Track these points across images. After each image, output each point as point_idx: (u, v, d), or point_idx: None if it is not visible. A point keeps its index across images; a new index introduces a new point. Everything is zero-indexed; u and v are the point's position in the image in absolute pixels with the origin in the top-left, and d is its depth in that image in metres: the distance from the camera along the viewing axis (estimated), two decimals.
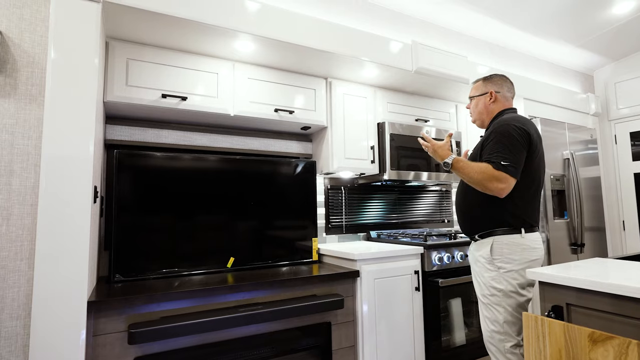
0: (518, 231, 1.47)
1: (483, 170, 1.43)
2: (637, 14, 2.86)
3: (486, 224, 1.51)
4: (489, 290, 1.49)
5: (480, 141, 1.57)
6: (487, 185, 1.42)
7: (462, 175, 1.49)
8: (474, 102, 1.70)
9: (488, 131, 1.55)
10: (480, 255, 1.53)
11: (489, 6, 2.60)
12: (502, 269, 1.46)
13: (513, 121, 1.48)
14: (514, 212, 1.47)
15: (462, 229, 1.66)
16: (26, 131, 1.42)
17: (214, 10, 1.61)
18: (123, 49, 1.66)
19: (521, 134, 1.44)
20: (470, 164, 1.47)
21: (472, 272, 1.63)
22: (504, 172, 1.40)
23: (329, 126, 2.22)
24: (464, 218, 1.63)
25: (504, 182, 1.40)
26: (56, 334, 1.19)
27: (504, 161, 1.41)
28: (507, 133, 1.44)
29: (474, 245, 1.60)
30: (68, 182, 1.25)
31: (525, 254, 1.46)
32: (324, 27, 1.92)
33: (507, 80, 1.68)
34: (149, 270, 1.72)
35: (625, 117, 3.43)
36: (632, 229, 3.35)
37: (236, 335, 1.52)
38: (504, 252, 1.46)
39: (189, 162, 1.88)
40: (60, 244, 1.22)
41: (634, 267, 1.27)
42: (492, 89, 1.65)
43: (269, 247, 2.05)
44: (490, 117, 1.65)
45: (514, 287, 1.44)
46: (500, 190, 1.41)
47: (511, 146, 1.42)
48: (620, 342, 0.92)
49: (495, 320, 1.47)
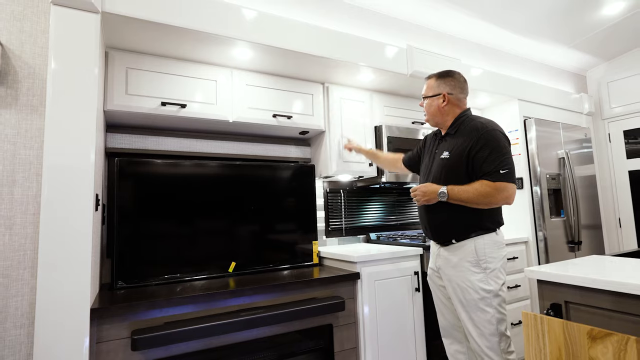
0: (493, 230, 1.50)
1: (479, 188, 1.43)
2: (628, 15, 2.91)
3: (464, 227, 1.49)
4: (478, 293, 1.45)
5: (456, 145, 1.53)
6: (492, 200, 1.42)
7: (461, 200, 1.46)
8: (427, 102, 1.65)
9: (467, 137, 1.50)
10: (463, 259, 1.49)
11: (481, 10, 2.63)
12: (488, 269, 1.46)
13: (497, 127, 1.50)
14: (491, 214, 1.50)
15: (433, 235, 1.60)
16: (27, 141, 1.44)
17: (212, 19, 1.63)
18: (122, 58, 1.68)
19: (507, 140, 1.50)
20: (466, 189, 1.45)
21: (446, 277, 1.55)
22: (503, 181, 1.41)
23: (327, 130, 2.24)
24: (436, 224, 1.57)
25: (507, 190, 1.41)
26: (60, 341, 1.19)
27: (502, 169, 1.42)
28: (499, 141, 1.46)
29: (447, 250, 1.54)
30: (70, 191, 1.26)
31: (502, 251, 1.50)
32: (320, 33, 1.94)
33: (459, 79, 1.62)
34: (151, 276, 1.73)
35: (619, 116, 3.47)
36: (628, 226, 3.38)
37: (239, 339, 1.53)
38: (487, 252, 1.46)
39: (189, 168, 1.89)
40: (63, 252, 1.23)
41: (631, 264, 1.28)
42: (445, 90, 1.60)
43: (269, 251, 2.06)
44: (446, 119, 1.61)
45: (499, 285, 1.47)
46: (506, 199, 1.43)
47: (506, 153, 1.45)
48: (619, 339, 0.94)
49: (488, 321, 1.44)
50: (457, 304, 1.51)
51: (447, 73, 1.63)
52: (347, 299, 1.82)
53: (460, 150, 1.50)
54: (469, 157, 1.48)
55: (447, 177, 1.53)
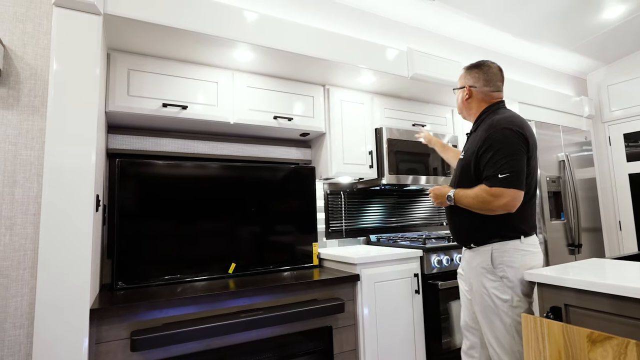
0: (516, 238, 1.38)
1: (478, 193, 1.34)
2: (628, 18, 2.91)
3: (482, 232, 1.41)
4: (493, 301, 1.36)
5: (472, 144, 1.46)
6: (489, 207, 1.32)
7: (464, 205, 1.41)
8: (457, 94, 1.61)
9: (480, 135, 1.41)
10: (479, 265, 1.41)
11: (482, 12, 2.64)
12: (505, 278, 1.35)
13: (509, 124, 1.34)
14: (510, 222, 1.37)
15: (454, 237, 1.55)
16: (29, 142, 1.44)
17: (213, 21, 1.64)
18: (124, 60, 1.69)
19: (519, 138, 1.33)
20: (467, 194, 1.38)
21: (466, 282, 1.51)
22: (500, 186, 1.29)
23: (327, 132, 2.24)
24: (456, 225, 1.52)
25: (504, 197, 1.29)
26: (59, 342, 1.19)
27: (501, 173, 1.30)
28: (503, 139, 1.32)
29: (468, 253, 1.49)
30: (70, 192, 1.26)
31: (527, 259, 1.36)
32: (320, 35, 1.95)
33: (487, 71, 1.50)
34: (152, 277, 1.73)
35: (619, 119, 3.47)
36: (628, 229, 3.38)
37: (238, 340, 1.53)
38: (505, 261, 1.36)
39: (190, 169, 1.90)
40: (63, 253, 1.23)
41: (631, 267, 1.28)
42: (468, 83, 1.52)
43: (269, 252, 2.06)
44: (471, 113, 1.55)
45: (519, 296, 1.34)
46: (504, 206, 1.30)
47: (512, 155, 1.31)
48: (619, 342, 0.93)
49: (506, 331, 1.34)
50: (476, 308, 1.44)
51: (475, 64, 1.53)
52: (347, 301, 1.82)
53: (473, 150, 1.42)
54: (477, 157, 1.39)
55: (460, 179, 1.47)
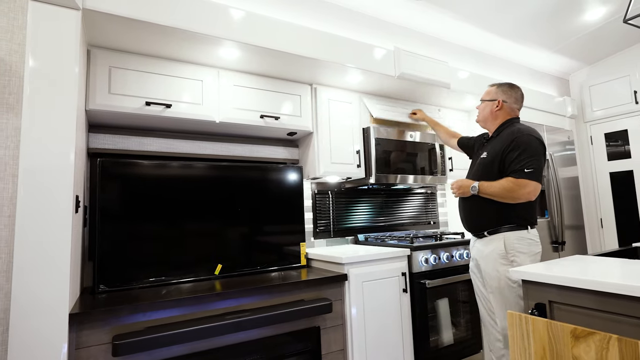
0: (524, 228, 1.63)
1: (504, 184, 1.60)
2: (610, 19, 2.98)
3: (495, 221, 1.65)
4: (506, 283, 1.59)
5: (495, 146, 1.71)
6: (514, 195, 1.58)
7: (489, 194, 1.64)
8: (482, 105, 1.86)
9: (505, 139, 1.67)
10: (492, 251, 1.64)
11: (469, 14, 2.67)
12: (515, 262, 1.59)
13: (533, 133, 1.65)
14: (521, 213, 1.63)
15: (468, 227, 1.78)
16: (3, 141, 1.38)
17: (199, 18, 1.61)
18: (105, 57, 1.64)
19: (541, 145, 1.64)
20: (493, 184, 1.63)
21: (477, 268, 1.72)
22: (526, 178, 1.56)
23: (314, 131, 2.23)
24: (471, 216, 1.74)
25: (528, 187, 1.57)
26: (36, 349, 1.15)
27: (527, 169, 1.57)
28: (530, 144, 1.61)
29: (480, 242, 1.70)
30: (47, 193, 1.22)
31: (532, 247, 1.63)
32: (308, 34, 1.93)
33: (517, 92, 1.80)
34: (135, 279, 1.69)
35: (600, 119, 3.56)
36: (609, 226, 3.47)
37: (224, 343, 1.50)
38: (515, 247, 1.60)
39: (175, 169, 1.86)
40: (40, 256, 1.19)
41: (612, 263, 1.31)
42: (501, 97, 1.78)
43: (257, 253, 2.03)
44: (495, 123, 1.80)
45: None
46: (528, 195, 1.58)
47: (535, 156, 1.60)
48: (601, 338, 0.95)
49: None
50: (489, 291, 1.66)
51: (509, 85, 1.81)
52: (335, 301, 1.81)
53: (497, 151, 1.68)
54: (502, 156, 1.65)
55: (482, 174, 1.72)
